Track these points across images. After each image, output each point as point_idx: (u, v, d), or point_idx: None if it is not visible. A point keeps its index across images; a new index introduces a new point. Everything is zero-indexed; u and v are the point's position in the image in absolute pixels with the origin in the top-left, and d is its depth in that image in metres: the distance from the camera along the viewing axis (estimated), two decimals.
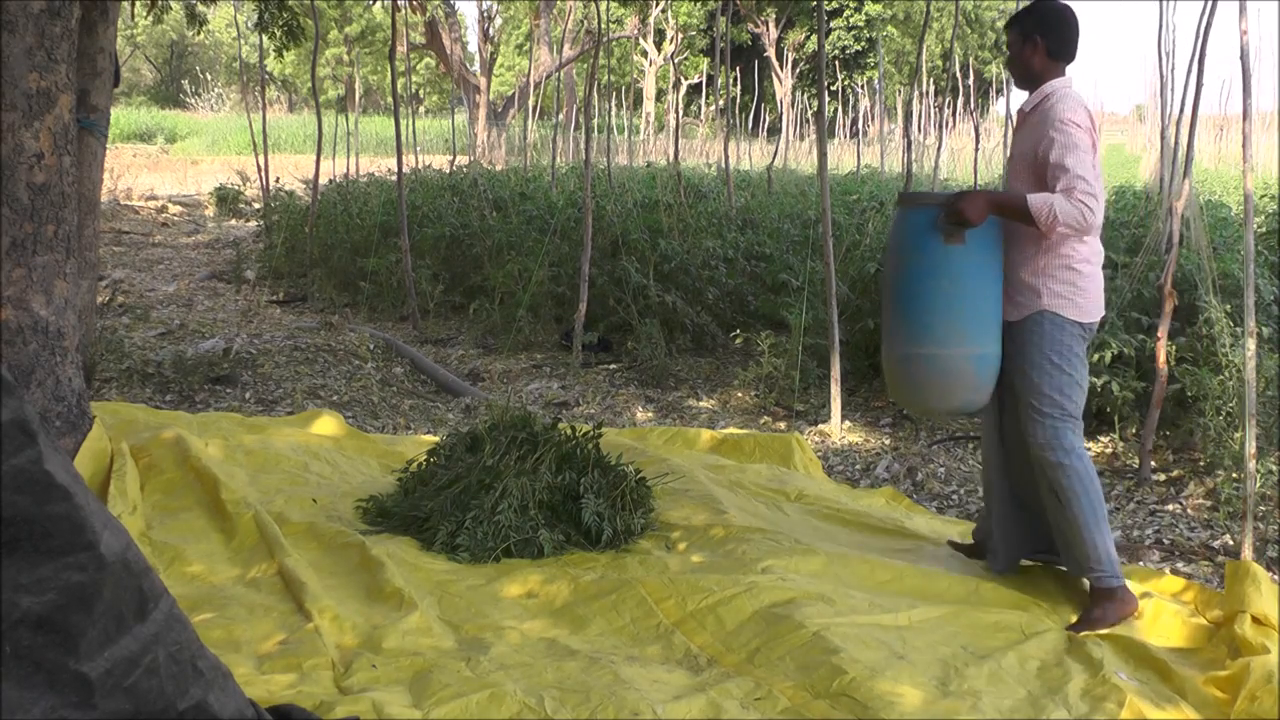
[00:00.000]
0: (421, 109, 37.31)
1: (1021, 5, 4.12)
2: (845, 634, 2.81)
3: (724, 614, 2.97)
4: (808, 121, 27.42)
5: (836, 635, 2.78)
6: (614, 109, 21.37)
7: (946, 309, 3.14)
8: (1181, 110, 5.91)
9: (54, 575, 1.46)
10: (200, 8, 9.53)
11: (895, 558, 3.57)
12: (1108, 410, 5.14)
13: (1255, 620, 2.97)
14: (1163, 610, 3.21)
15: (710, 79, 28.55)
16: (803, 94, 30.33)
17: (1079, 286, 3.14)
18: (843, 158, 21.56)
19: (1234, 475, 4.20)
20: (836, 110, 26.37)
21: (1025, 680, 2.73)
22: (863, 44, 35.80)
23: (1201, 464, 4.71)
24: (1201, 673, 2.84)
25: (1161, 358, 4.63)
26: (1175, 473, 4.79)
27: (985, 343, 3.16)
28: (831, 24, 34.98)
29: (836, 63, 32.49)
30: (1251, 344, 3.49)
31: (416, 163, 13.49)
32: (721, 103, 12.16)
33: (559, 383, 6.33)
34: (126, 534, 1.61)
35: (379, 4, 24.03)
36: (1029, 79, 3.26)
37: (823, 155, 5.81)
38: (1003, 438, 3.36)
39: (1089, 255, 3.16)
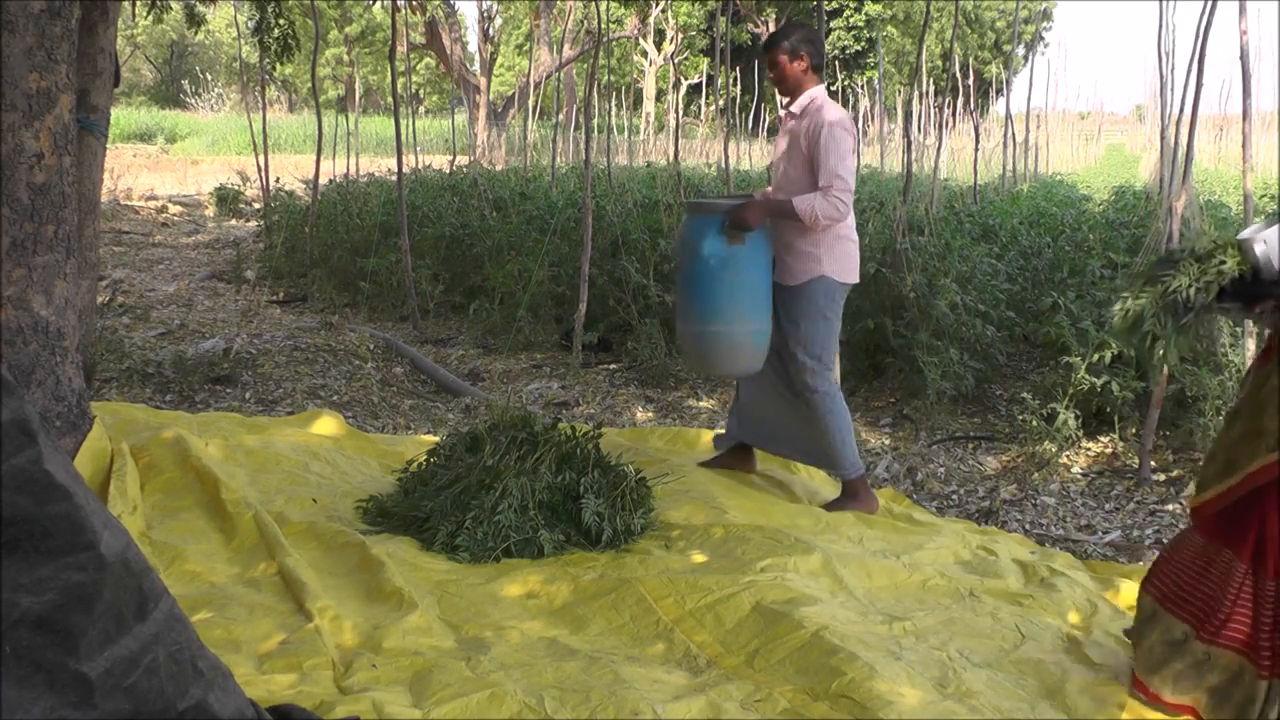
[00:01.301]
0: (421, 109, 37.31)
1: (1020, 6, 4.27)
2: (844, 634, 2.81)
3: (723, 612, 2.97)
4: None
5: (835, 635, 2.78)
6: (614, 109, 21.37)
7: (731, 295, 3.88)
8: (1181, 110, 5.91)
9: (54, 575, 1.46)
10: (200, 8, 9.51)
11: (894, 558, 3.57)
12: (1108, 410, 5.14)
13: None
14: None
15: (710, 79, 28.55)
16: None
17: (849, 253, 3.98)
18: None
19: None
20: None
21: (1024, 680, 2.73)
22: (863, 44, 35.80)
23: (1201, 464, 4.72)
24: None
25: None
26: (1175, 473, 4.79)
27: (761, 320, 3.94)
28: (831, 24, 34.98)
29: (836, 63, 32.49)
30: (1251, 344, 3.49)
31: (416, 163, 13.49)
32: (721, 103, 12.16)
33: (559, 383, 6.33)
34: (126, 534, 1.61)
35: (379, 4, 24.04)
36: (795, 88, 4.00)
37: None
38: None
39: (852, 226, 4.01)
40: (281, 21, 9.20)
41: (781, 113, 4.18)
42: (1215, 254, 2.53)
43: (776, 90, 4.12)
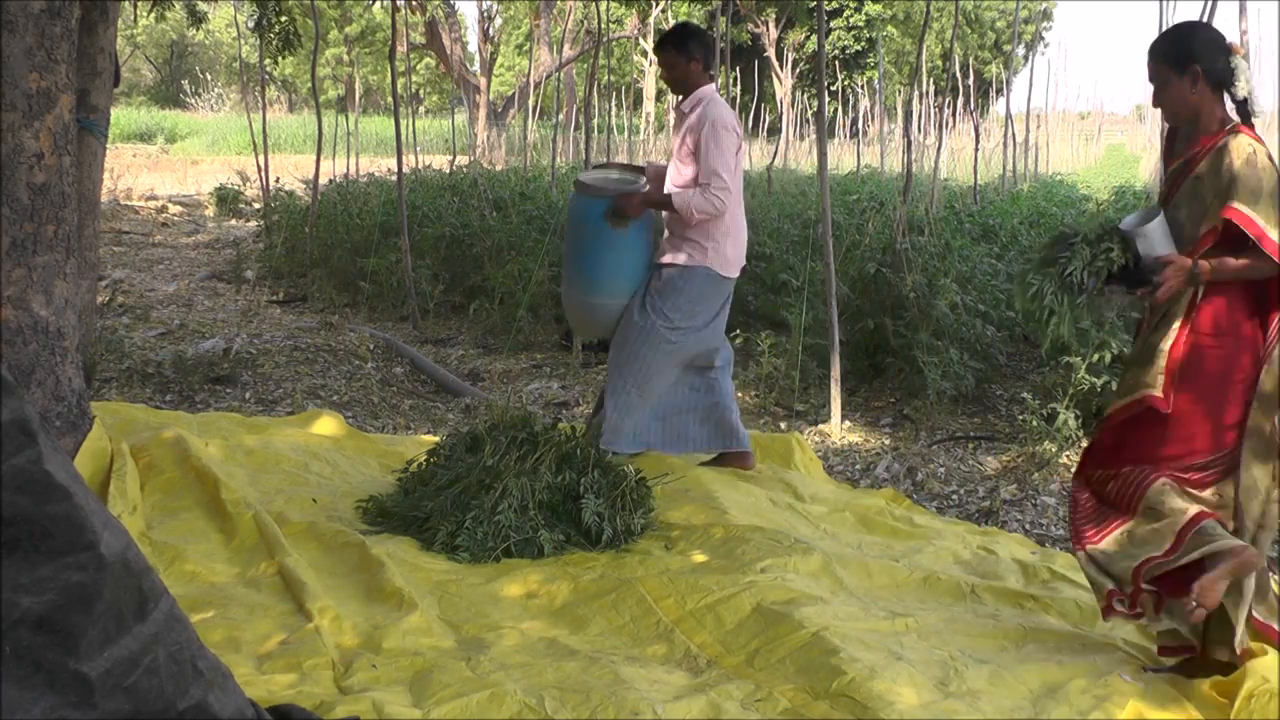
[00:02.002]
0: (421, 109, 37.31)
1: (1020, 6, 4.33)
2: (845, 634, 2.81)
3: (723, 613, 2.97)
4: (808, 121, 27.41)
5: (836, 635, 2.78)
6: (614, 109, 21.36)
7: (612, 272, 4.25)
8: None
9: (54, 575, 1.46)
10: (201, 6, 9.51)
11: (895, 558, 3.58)
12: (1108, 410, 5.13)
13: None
14: None
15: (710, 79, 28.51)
16: (803, 94, 30.33)
17: (735, 248, 4.26)
18: (843, 158, 21.56)
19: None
20: (836, 110, 26.37)
21: (1025, 680, 2.73)
22: (863, 44, 35.79)
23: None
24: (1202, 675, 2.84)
25: None
26: None
27: (619, 297, 4.28)
28: (831, 24, 34.98)
29: (836, 63, 32.49)
30: None
31: (416, 163, 13.49)
32: None
33: (559, 383, 6.33)
34: (126, 534, 1.61)
35: (379, 4, 24.03)
36: (687, 87, 4.24)
37: (823, 155, 5.81)
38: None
39: (740, 222, 4.28)
40: (283, 19, 9.20)
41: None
42: (1104, 239, 2.77)
43: (669, 87, 4.37)
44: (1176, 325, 2.73)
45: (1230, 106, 2.73)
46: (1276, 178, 2.63)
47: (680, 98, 4.30)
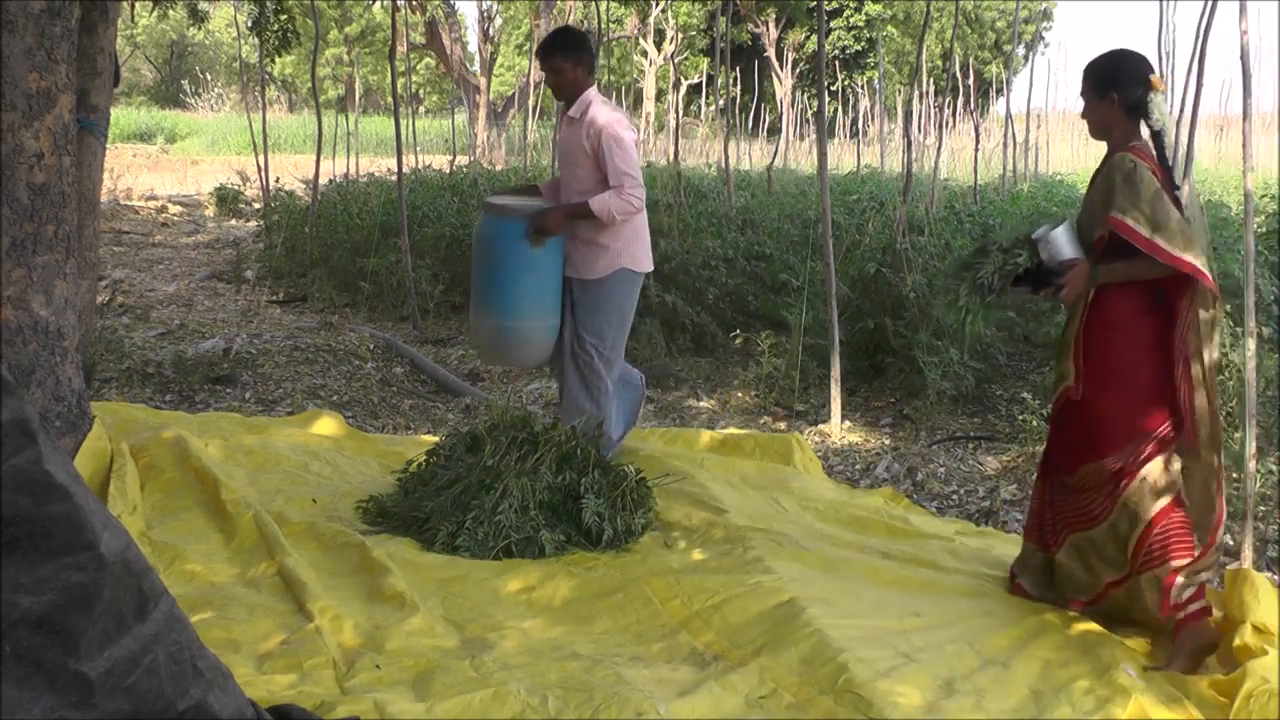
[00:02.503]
0: (421, 109, 37.30)
1: (1020, 6, 4.31)
2: (850, 634, 2.81)
3: (729, 614, 2.97)
4: (808, 121, 27.41)
5: (841, 635, 2.78)
6: None
7: (531, 294, 4.15)
8: (1181, 110, 5.92)
9: (54, 575, 1.46)
10: (202, 5, 9.52)
11: (896, 558, 3.57)
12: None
13: (1255, 629, 2.97)
14: None
15: (710, 79, 28.54)
16: (803, 94, 30.32)
17: (644, 243, 4.30)
18: (843, 158, 21.54)
19: (1234, 476, 4.20)
20: (836, 110, 26.37)
21: (1029, 679, 2.73)
22: (863, 44, 35.79)
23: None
24: (1203, 674, 2.84)
25: None
26: None
27: (555, 316, 4.22)
28: (831, 24, 34.97)
29: (836, 63, 32.49)
30: (1251, 344, 3.49)
31: (416, 163, 13.48)
32: (721, 103, 12.17)
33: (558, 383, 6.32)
34: (126, 534, 1.61)
35: (379, 4, 24.02)
36: (574, 93, 4.22)
37: (823, 155, 5.81)
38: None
39: (645, 220, 4.30)
40: (282, 17, 9.20)
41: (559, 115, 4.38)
42: (1016, 247, 3.14)
43: (554, 94, 4.33)
44: (1080, 318, 3.09)
45: (1146, 133, 3.10)
46: (1155, 189, 2.98)
47: (566, 104, 4.27)
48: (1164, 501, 3.01)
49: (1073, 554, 3.16)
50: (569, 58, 4.20)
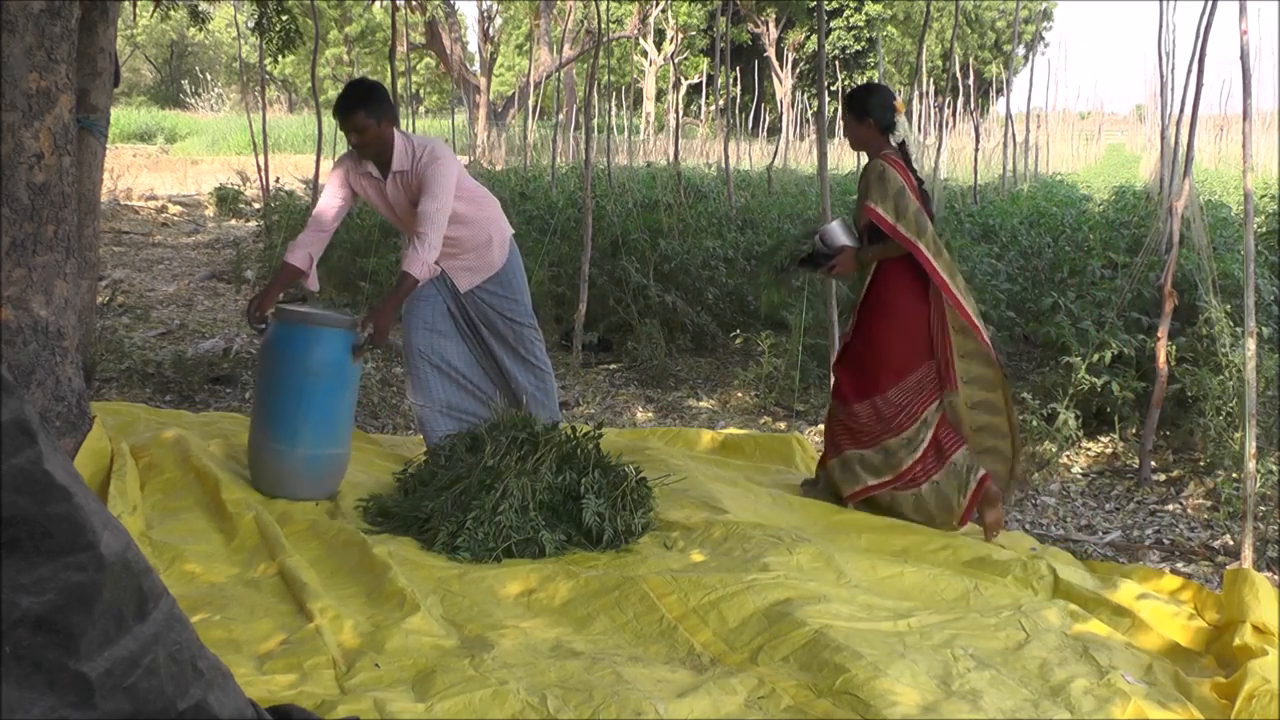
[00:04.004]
0: (421, 109, 37.30)
1: (1020, 6, 4.41)
2: (847, 632, 2.81)
3: (726, 611, 2.97)
4: (808, 121, 27.41)
5: (839, 634, 2.78)
6: (614, 109, 21.35)
7: (346, 415, 3.89)
8: (1181, 110, 5.92)
9: (54, 575, 1.46)
10: (203, 5, 9.52)
11: (896, 556, 3.57)
12: (1108, 410, 5.14)
13: (1255, 629, 2.97)
14: (1162, 611, 3.21)
15: (710, 79, 28.54)
16: (803, 94, 30.32)
17: (496, 208, 4.30)
18: (843, 158, 21.54)
19: (1234, 475, 4.20)
20: (836, 110, 26.35)
21: (1027, 680, 2.73)
22: (863, 44, 35.79)
23: (1201, 464, 4.72)
24: (1203, 676, 2.85)
25: (1162, 358, 4.64)
26: (1175, 473, 4.79)
27: (350, 439, 3.96)
28: (831, 24, 34.96)
29: (836, 63, 32.48)
30: (1251, 344, 3.49)
31: None
32: (721, 103, 12.16)
33: (559, 383, 6.32)
34: (126, 534, 1.61)
35: (379, 4, 24.02)
36: (385, 147, 3.97)
37: (823, 155, 5.80)
38: (485, 350, 4.38)
39: (477, 189, 4.25)
40: (284, 17, 9.20)
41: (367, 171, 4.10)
42: (803, 238, 4.22)
43: (360, 153, 4.01)
44: (866, 287, 3.96)
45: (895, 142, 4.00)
46: (899, 186, 3.82)
47: (381, 164, 4.03)
48: (929, 432, 3.87)
49: (852, 461, 4.01)
50: (373, 113, 3.89)
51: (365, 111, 3.88)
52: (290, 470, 3.80)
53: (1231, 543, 4.00)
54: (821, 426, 5.46)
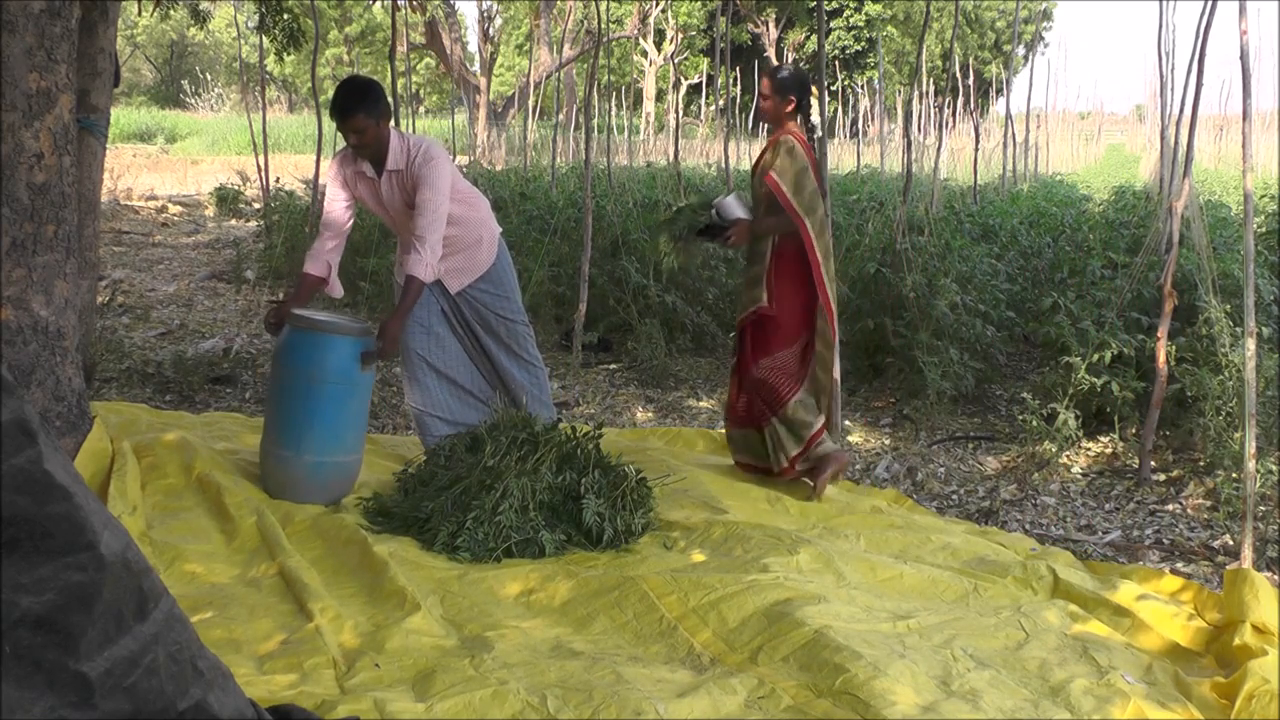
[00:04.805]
0: (421, 109, 37.29)
1: (1020, 6, 4.41)
2: (847, 633, 2.81)
3: (726, 611, 2.97)
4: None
5: (838, 634, 2.78)
6: (614, 109, 21.35)
7: (355, 422, 3.88)
8: (1181, 110, 5.92)
9: (54, 575, 1.46)
10: (204, 4, 9.52)
11: (896, 557, 3.57)
12: (1108, 410, 5.14)
13: (1255, 629, 2.97)
14: (1162, 611, 3.21)
15: (710, 79, 28.53)
16: None
17: (486, 209, 4.35)
18: (843, 158, 21.54)
19: (1234, 475, 4.20)
20: (836, 110, 26.37)
21: (1027, 680, 2.73)
22: (863, 44, 35.79)
23: (1201, 464, 4.71)
24: (1203, 676, 2.85)
25: (1161, 358, 4.64)
26: (1175, 473, 4.79)
27: (362, 446, 3.98)
28: (831, 24, 34.96)
29: (836, 63, 32.48)
30: (1251, 344, 3.49)
31: None
32: (721, 103, 12.16)
33: (559, 383, 6.32)
34: (126, 534, 1.61)
35: (379, 4, 24.01)
36: (382, 147, 3.98)
37: (822, 155, 5.80)
38: (479, 349, 4.39)
39: (469, 190, 4.30)
40: (285, 16, 9.21)
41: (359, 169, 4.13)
42: (700, 209, 4.43)
43: (358, 153, 4.04)
44: (768, 259, 4.22)
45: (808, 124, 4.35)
46: (804, 165, 4.13)
47: (377, 162, 4.04)
48: (793, 380, 4.25)
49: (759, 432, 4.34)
50: (371, 113, 3.87)
51: (364, 112, 3.86)
52: (297, 476, 3.81)
53: (1231, 543, 4.00)
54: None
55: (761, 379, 4.24)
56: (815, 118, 4.37)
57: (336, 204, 4.14)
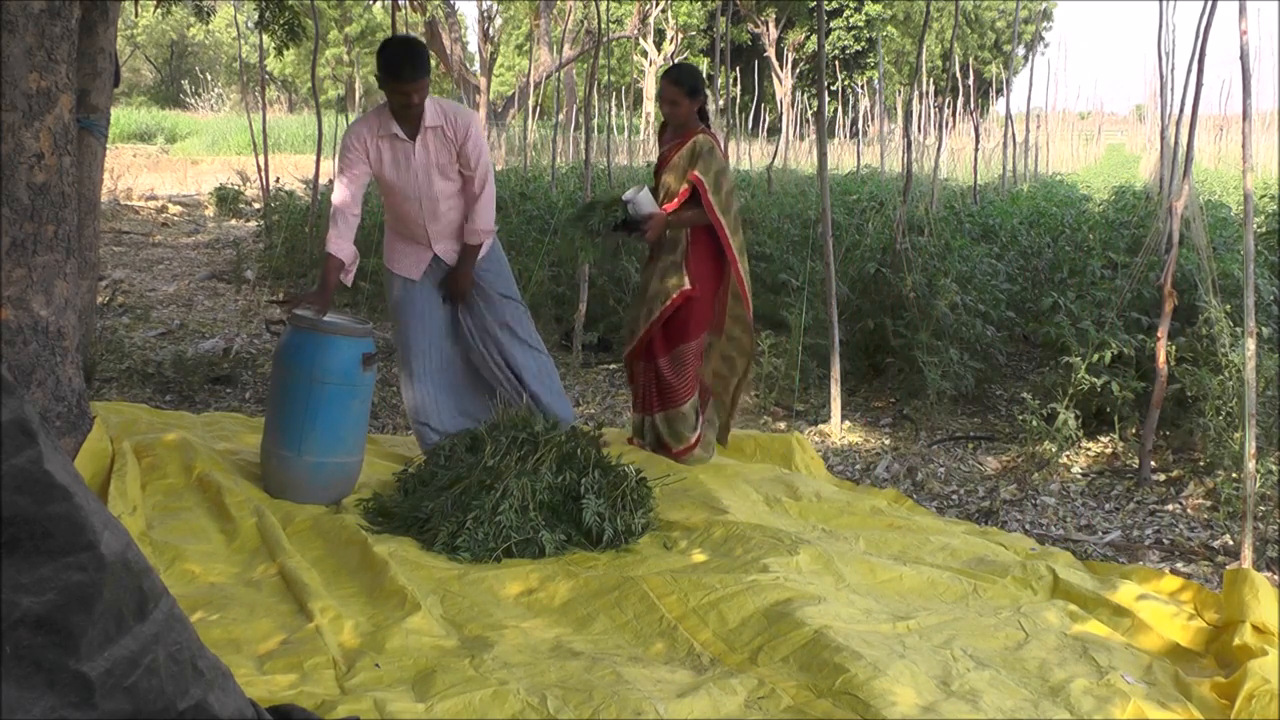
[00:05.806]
0: None
1: (1020, 6, 4.38)
2: (847, 633, 2.81)
3: (726, 611, 2.97)
4: (808, 121, 27.42)
5: (838, 634, 2.78)
6: (614, 109, 21.36)
7: (356, 423, 3.88)
8: (1181, 110, 5.92)
9: (54, 575, 1.46)
10: (206, 2, 9.54)
11: (896, 557, 3.57)
12: (1108, 410, 5.14)
13: (1255, 629, 2.97)
14: (1162, 611, 3.21)
15: (710, 79, 28.53)
16: (803, 94, 30.32)
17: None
18: (843, 158, 21.54)
19: (1234, 475, 4.20)
20: (836, 110, 26.37)
21: (1027, 680, 2.73)
22: (863, 44, 35.79)
23: (1201, 464, 4.72)
24: (1203, 676, 2.85)
25: (1161, 358, 4.64)
26: (1175, 473, 4.79)
27: (363, 447, 3.99)
28: (831, 24, 34.96)
29: (836, 63, 32.49)
30: (1251, 344, 3.49)
31: None
32: (721, 103, 12.16)
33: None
34: (126, 534, 1.61)
35: (379, 4, 24.02)
36: (420, 110, 4.00)
37: (823, 155, 5.81)
38: (468, 340, 4.36)
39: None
40: (285, 15, 9.22)
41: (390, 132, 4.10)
42: (614, 204, 4.43)
43: (406, 114, 4.03)
44: (684, 249, 4.42)
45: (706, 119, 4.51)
46: (723, 165, 4.37)
47: (412, 123, 4.06)
48: (692, 383, 4.48)
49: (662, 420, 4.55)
50: (429, 73, 3.96)
51: (427, 73, 3.95)
52: (297, 476, 3.82)
53: (1231, 543, 4.00)
54: (821, 426, 5.47)
55: (664, 374, 4.45)
56: (711, 113, 4.55)
57: (353, 185, 4.08)
